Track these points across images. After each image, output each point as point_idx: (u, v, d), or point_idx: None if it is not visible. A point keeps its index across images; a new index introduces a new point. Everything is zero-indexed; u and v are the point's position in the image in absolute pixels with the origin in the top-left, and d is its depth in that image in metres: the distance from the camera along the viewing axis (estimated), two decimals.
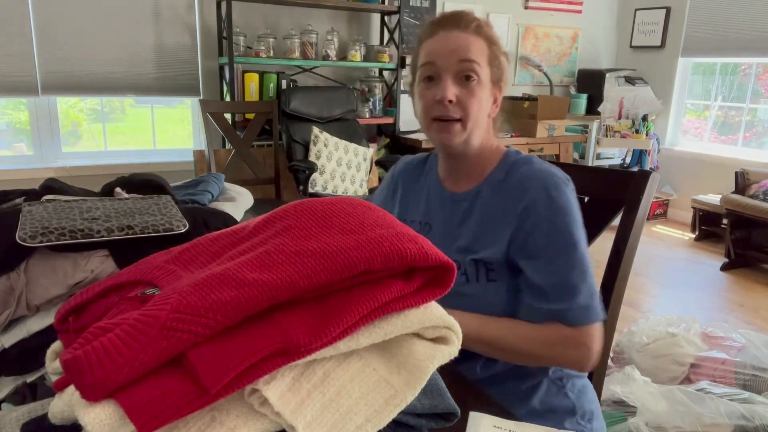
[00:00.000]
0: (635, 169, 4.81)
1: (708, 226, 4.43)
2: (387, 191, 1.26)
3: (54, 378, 0.50)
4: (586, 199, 1.26)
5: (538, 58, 4.85)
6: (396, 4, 3.91)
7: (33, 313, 0.74)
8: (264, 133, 3.58)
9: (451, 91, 1.00)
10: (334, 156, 3.46)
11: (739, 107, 4.74)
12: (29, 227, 0.71)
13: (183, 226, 0.78)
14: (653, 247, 4.33)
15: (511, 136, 4.21)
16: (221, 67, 3.61)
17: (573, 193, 1.01)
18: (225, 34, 3.41)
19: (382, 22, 4.09)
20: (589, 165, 4.24)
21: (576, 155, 4.76)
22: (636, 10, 5.16)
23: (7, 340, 0.73)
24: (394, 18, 4.00)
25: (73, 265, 0.74)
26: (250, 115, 3.51)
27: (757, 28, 4.40)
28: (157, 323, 0.42)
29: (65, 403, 0.44)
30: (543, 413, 1.01)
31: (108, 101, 3.65)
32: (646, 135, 4.72)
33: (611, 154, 4.93)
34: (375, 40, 4.11)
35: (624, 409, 1.86)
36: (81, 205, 0.81)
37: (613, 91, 4.76)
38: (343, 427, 0.45)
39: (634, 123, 4.71)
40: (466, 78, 1.01)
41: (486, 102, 1.04)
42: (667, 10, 4.94)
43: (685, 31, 4.86)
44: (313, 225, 0.53)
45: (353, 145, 3.56)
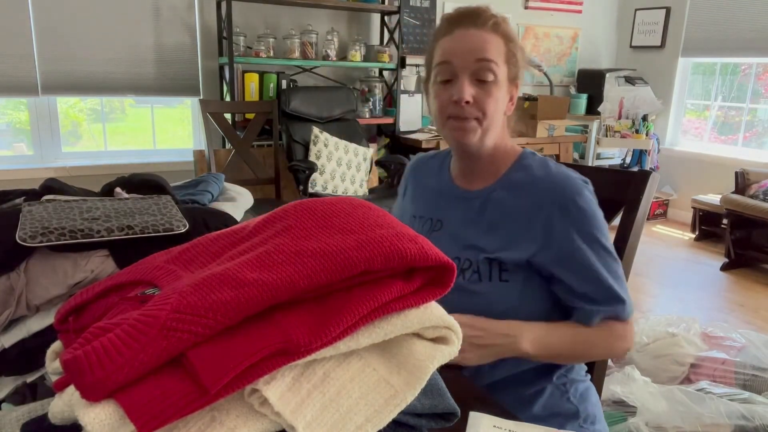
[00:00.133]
0: (635, 169, 4.81)
1: (708, 226, 4.43)
2: (401, 192, 1.25)
3: (54, 378, 0.50)
4: None
5: (538, 58, 4.85)
6: (396, 4, 3.91)
7: (33, 313, 0.74)
8: (264, 133, 3.58)
9: (468, 92, 0.99)
10: (334, 156, 3.46)
11: (739, 107, 4.74)
12: (29, 227, 0.71)
13: (183, 226, 0.78)
14: (653, 247, 4.33)
15: (511, 136, 4.21)
16: (221, 67, 3.61)
17: (592, 194, 1.02)
18: (225, 34, 3.41)
19: (382, 22, 4.09)
20: (589, 165, 4.24)
21: (576, 155, 4.76)
22: (636, 10, 5.16)
23: (7, 340, 0.73)
24: (394, 18, 4.00)
25: (73, 265, 0.74)
26: (250, 115, 3.51)
27: (757, 28, 4.40)
28: (157, 323, 0.42)
29: (65, 403, 0.44)
30: (546, 418, 1.01)
31: (108, 101, 3.65)
32: (646, 135, 4.71)
33: (611, 154, 4.94)
34: (375, 40, 4.11)
35: (624, 409, 1.86)
36: (81, 205, 0.81)
37: (613, 91, 4.76)
38: (343, 427, 0.45)
39: (634, 123, 4.71)
40: (483, 78, 0.99)
41: (502, 101, 1.03)
42: (667, 10, 4.94)
43: (685, 31, 4.86)
44: (313, 225, 0.53)
45: (353, 145, 3.56)
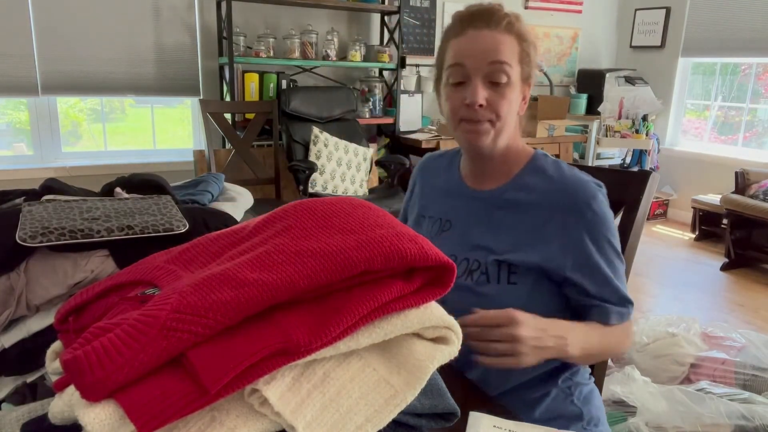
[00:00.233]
0: (635, 169, 4.82)
1: (708, 226, 4.43)
2: (409, 191, 1.24)
3: (54, 378, 0.50)
4: None
5: (538, 58, 4.84)
6: (396, 4, 3.91)
7: (33, 313, 0.74)
8: (264, 133, 3.58)
9: (481, 95, 0.97)
10: (334, 156, 3.46)
11: (739, 107, 4.74)
12: (29, 227, 0.71)
13: (183, 226, 0.78)
14: (653, 247, 4.33)
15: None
16: (221, 67, 3.61)
17: (605, 197, 1.01)
18: (225, 34, 3.41)
19: (382, 22, 4.09)
20: (589, 165, 4.24)
21: (576, 155, 4.76)
22: (636, 10, 5.16)
23: (7, 340, 0.73)
24: (394, 18, 4.00)
25: (73, 265, 0.74)
26: (250, 115, 3.51)
27: (757, 28, 4.40)
28: (157, 323, 0.42)
29: (65, 403, 0.44)
30: (549, 420, 1.01)
31: (108, 101, 3.64)
32: (646, 135, 4.71)
33: (611, 154, 4.94)
34: (375, 40, 4.12)
35: (624, 409, 1.86)
36: (81, 205, 0.81)
37: (613, 91, 4.76)
38: (343, 427, 0.45)
39: (634, 123, 4.71)
40: (496, 80, 0.98)
41: (515, 102, 1.01)
42: (667, 10, 4.94)
43: (685, 31, 4.86)
44: (313, 225, 0.53)
45: (353, 145, 3.56)
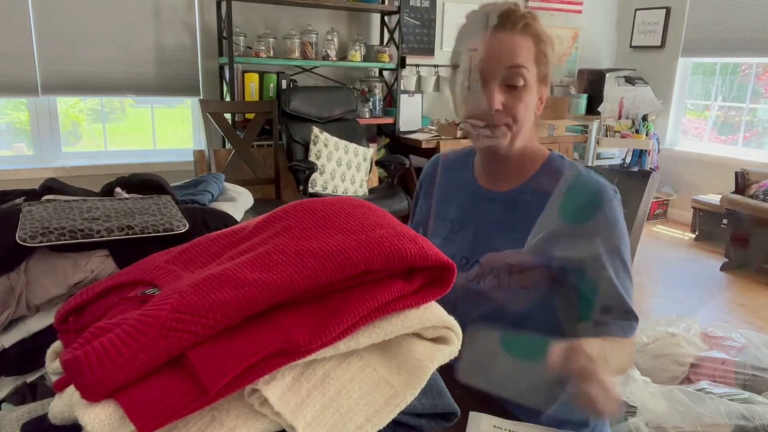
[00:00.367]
0: (635, 169, 4.82)
1: (708, 226, 4.44)
2: (419, 191, 1.22)
3: (54, 378, 0.50)
4: None
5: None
6: (396, 4, 3.91)
7: (33, 313, 0.74)
8: (264, 133, 3.58)
9: (497, 99, 0.96)
10: (334, 156, 3.46)
11: (739, 107, 4.74)
12: (29, 227, 0.71)
13: (183, 226, 0.78)
14: (653, 247, 4.33)
15: None
16: (221, 67, 3.61)
17: (620, 206, 1.00)
18: (225, 34, 3.41)
19: (382, 22, 4.09)
20: (589, 165, 4.24)
21: (576, 155, 4.76)
22: (636, 10, 5.16)
23: (7, 340, 0.73)
24: (394, 18, 4.00)
25: (73, 265, 0.74)
26: (250, 115, 3.51)
27: (757, 28, 4.40)
28: (157, 323, 0.42)
29: (65, 403, 0.44)
30: (554, 425, 1.01)
31: (108, 101, 3.64)
32: (646, 135, 4.72)
33: (611, 154, 4.94)
34: (375, 40, 4.11)
35: (624, 409, 1.86)
36: (81, 205, 0.81)
37: (613, 91, 4.76)
38: (343, 427, 0.45)
39: (634, 123, 4.71)
40: (513, 83, 0.96)
41: (532, 104, 1.00)
42: (667, 10, 4.94)
43: (685, 31, 4.86)
44: (313, 225, 0.53)
45: (353, 145, 3.56)
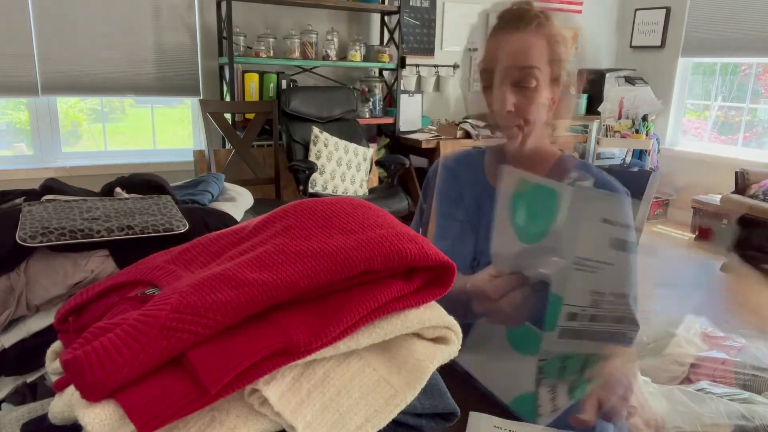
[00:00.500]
0: (635, 169, 4.81)
1: (708, 226, 4.43)
2: (430, 191, 1.20)
3: (54, 378, 0.50)
4: None
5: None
6: (396, 4, 3.91)
7: (33, 313, 0.74)
8: (264, 133, 3.58)
9: (509, 101, 0.96)
10: (334, 156, 3.46)
11: (739, 107, 4.74)
12: (29, 227, 0.71)
13: (183, 226, 0.78)
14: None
15: None
16: (221, 67, 3.61)
17: (630, 207, 1.01)
18: (225, 34, 3.41)
19: (382, 22, 4.09)
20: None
21: (576, 155, 4.76)
22: (636, 10, 5.16)
23: (7, 340, 0.73)
24: (394, 18, 4.00)
25: (73, 265, 0.74)
26: (250, 115, 3.51)
27: (757, 28, 4.40)
28: (157, 323, 0.42)
29: (65, 403, 0.44)
30: (556, 425, 1.01)
31: (108, 101, 3.64)
32: (646, 135, 4.72)
33: (611, 154, 4.94)
34: (375, 40, 4.11)
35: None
36: (81, 205, 0.81)
37: (613, 91, 4.76)
38: (343, 427, 0.45)
39: (634, 123, 4.71)
40: (525, 84, 0.96)
41: (544, 105, 1.00)
42: (667, 10, 4.94)
43: (685, 31, 4.86)
44: (313, 225, 0.53)
45: (353, 145, 3.56)
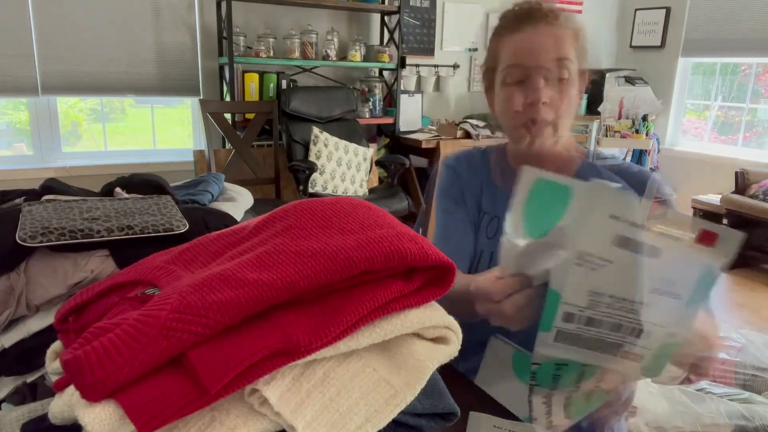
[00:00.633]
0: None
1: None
2: (451, 191, 1.14)
3: (54, 378, 0.50)
4: None
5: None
6: (396, 4, 3.91)
7: (33, 313, 0.74)
8: (264, 133, 3.58)
9: (544, 92, 0.94)
10: (334, 156, 3.46)
11: (739, 107, 4.74)
12: (29, 227, 0.71)
13: (183, 226, 0.78)
14: None
15: None
16: (221, 67, 3.61)
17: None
18: (225, 34, 3.41)
19: (382, 22, 4.09)
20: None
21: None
22: (636, 10, 5.16)
23: (7, 340, 0.72)
24: (394, 18, 4.00)
25: (73, 265, 0.74)
26: (250, 115, 3.51)
27: (757, 28, 4.40)
28: (157, 323, 0.42)
29: (65, 403, 0.44)
30: None
31: (108, 101, 3.64)
32: (646, 135, 4.72)
33: (611, 154, 4.93)
34: (375, 40, 4.11)
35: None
36: (81, 205, 0.81)
37: (613, 91, 4.76)
38: (343, 427, 0.45)
39: (634, 123, 4.71)
40: (558, 76, 0.95)
41: (575, 98, 1.00)
42: (667, 10, 4.94)
43: (685, 31, 4.86)
44: (313, 225, 0.53)
45: (353, 145, 3.56)
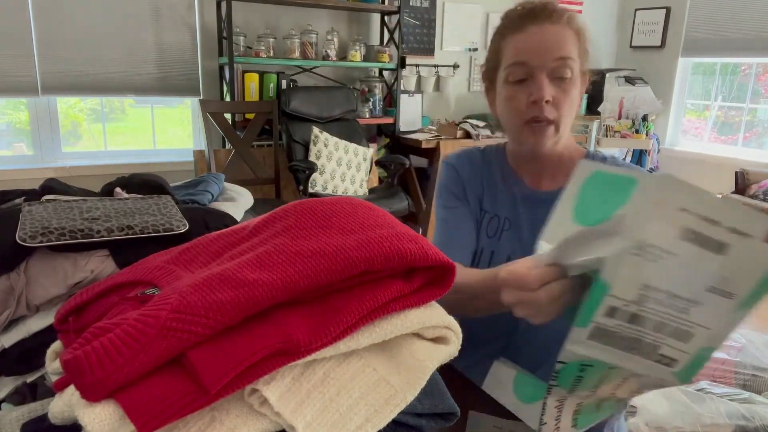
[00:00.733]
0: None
1: None
2: (454, 191, 1.13)
3: (54, 378, 0.50)
4: None
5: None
6: (396, 4, 3.91)
7: (33, 313, 0.74)
8: (264, 133, 3.58)
9: (548, 91, 0.95)
10: (334, 156, 3.46)
11: (739, 107, 4.74)
12: (29, 227, 0.71)
13: (183, 226, 0.78)
14: None
15: None
16: (221, 67, 3.61)
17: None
18: (225, 34, 3.41)
19: (382, 22, 4.09)
20: None
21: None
22: (636, 10, 5.16)
23: (7, 340, 0.73)
24: (394, 18, 4.00)
25: (73, 265, 0.74)
26: (250, 115, 3.51)
27: (757, 28, 4.40)
28: (157, 323, 0.42)
29: (65, 403, 0.44)
30: None
31: (108, 101, 3.64)
32: (646, 135, 4.72)
33: (610, 155, 4.93)
34: (375, 40, 4.11)
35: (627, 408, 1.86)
36: (81, 205, 0.81)
37: (613, 91, 4.76)
38: (343, 427, 0.45)
39: (634, 123, 4.71)
40: (561, 75, 0.95)
41: (576, 97, 1.00)
42: (667, 10, 4.94)
43: (685, 31, 4.86)
44: (313, 225, 0.53)
45: (353, 145, 3.56)
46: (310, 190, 3.30)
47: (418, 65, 4.33)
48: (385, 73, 4.14)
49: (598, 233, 0.59)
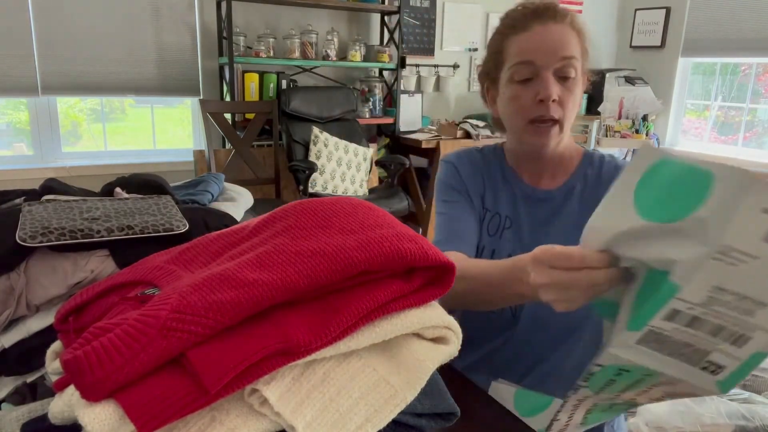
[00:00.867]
0: None
1: None
2: (457, 188, 1.13)
3: (54, 378, 0.50)
4: None
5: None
6: (396, 4, 3.91)
7: (33, 313, 0.74)
8: (264, 133, 3.58)
9: (554, 90, 0.95)
10: (334, 156, 3.46)
11: (739, 107, 4.74)
12: (29, 227, 0.71)
13: (183, 226, 0.78)
14: None
15: None
16: (221, 67, 3.61)
17: None
18: (225, 34, 3.41)
19: (382, 22, 4.09)
20: None
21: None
22: (636, 10, 5.16)
23: (7, 340, 0.72)
24: (394, 18, 4.00)
25: (73, 265, 0.74)
26: (250, 115, 3.51)
27: (757, 28, 4.40)
28: (157, 323, 0.42)
29: (65, 403, 0.44)
30: None
31: (108, 101, 3.64)
32: (646, 135, 4.71)
33: (609, 155, 4.93)
34: (375, 40, 4.12)
35: None
36: (81, 205, 0.81)
37: (613, 91, 4.76)
38: (343, 427, 0.45)
39: (634, 123, 4.71)
40: (565, 75, 0.96)
41: (579, 98, 1.01)
42: (667, 10, 4.94)
43: (685, 31, 4.86)
44: (313, 225, 0.53)
45: (353, 145, 3.56)
46: (310, 190, 3.30)
47: (418, 65, 4.33)
48: (385, 73, 4.14)
49: (671, 232, 0.54)
